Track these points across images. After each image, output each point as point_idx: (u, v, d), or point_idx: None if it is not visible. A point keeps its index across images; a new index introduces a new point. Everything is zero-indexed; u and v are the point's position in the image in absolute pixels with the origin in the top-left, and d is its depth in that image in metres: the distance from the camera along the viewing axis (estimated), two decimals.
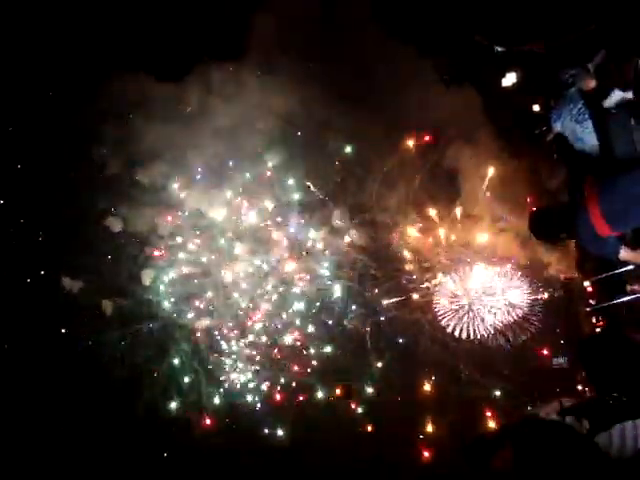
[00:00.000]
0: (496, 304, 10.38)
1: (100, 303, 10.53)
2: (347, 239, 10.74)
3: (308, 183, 10.66)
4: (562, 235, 3.91)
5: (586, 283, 9.29)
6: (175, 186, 10.54)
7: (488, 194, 10.09)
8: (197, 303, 11.01)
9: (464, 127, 9.71)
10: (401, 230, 10.60)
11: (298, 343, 11.04)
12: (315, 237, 10.82)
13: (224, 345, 11.10)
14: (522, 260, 10.26)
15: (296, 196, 10.76)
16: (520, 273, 10.35)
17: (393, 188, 10.39)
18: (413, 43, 9.08)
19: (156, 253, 10.73)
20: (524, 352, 10.35)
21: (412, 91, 9.55)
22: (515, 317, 10.30)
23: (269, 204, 10.84)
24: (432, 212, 10.50)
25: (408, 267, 10.75)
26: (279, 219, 10.91)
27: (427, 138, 10.15)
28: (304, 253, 10.91)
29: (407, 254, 10.69)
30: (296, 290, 10.96)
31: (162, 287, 10.90)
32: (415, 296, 10.69)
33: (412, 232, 10.57)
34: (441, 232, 10.53)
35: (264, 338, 11.09)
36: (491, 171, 9.77)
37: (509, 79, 5.91)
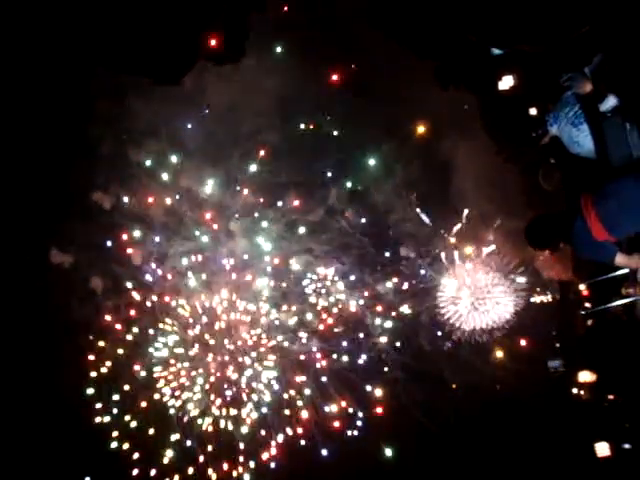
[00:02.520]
0: (491, 302, 10.37)
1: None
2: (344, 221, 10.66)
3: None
4: (559, 242, 3.91)
5: (582, 286, 9.32)
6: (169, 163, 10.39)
7: (484, 196, 10.11)
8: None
9: (460, 129, 9.72)
10: (400, 214, 10.56)
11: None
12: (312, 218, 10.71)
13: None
14: (518, 262, 10.28)
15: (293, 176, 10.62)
16: (515, 274, 10.35)
17: (392, 173, 10.37)
18: (410, 43, 9.08)
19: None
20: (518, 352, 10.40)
21: (408, 93, 9.59)
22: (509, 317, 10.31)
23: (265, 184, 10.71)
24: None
25: (406, 253, 10.69)
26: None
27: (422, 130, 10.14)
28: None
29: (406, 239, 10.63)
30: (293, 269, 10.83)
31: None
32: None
33: (411, 216, 10.51)
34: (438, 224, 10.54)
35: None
36: (487, 174, 9.77)
37: (506, 82, 5.91)
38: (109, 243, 10.46)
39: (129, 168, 10.28)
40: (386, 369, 10.78)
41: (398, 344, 10.78)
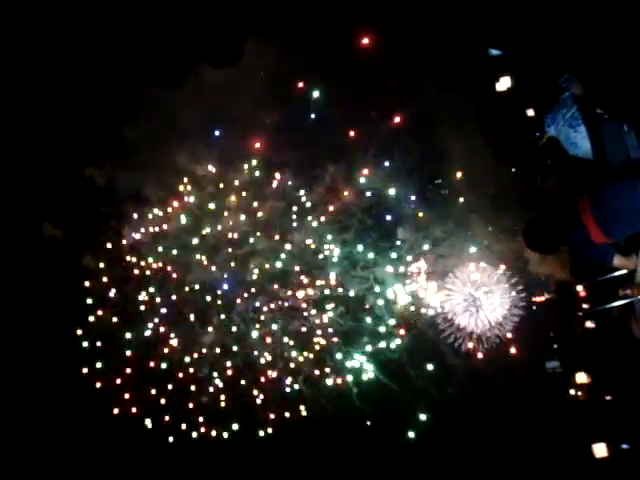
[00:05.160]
0: (488, 304, 10.34)
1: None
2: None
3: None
4: (557, 244, 3.92)
5: (579, 287, 9.33)
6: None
7: (481, 197, 10.11)
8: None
9: (457, 132, 9.72)
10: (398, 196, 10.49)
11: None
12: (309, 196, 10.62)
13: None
14: (515, 263, 10.26)
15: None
16: (512, 276, 10.33)
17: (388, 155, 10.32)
18: (409, 43, 9.09)
19: None
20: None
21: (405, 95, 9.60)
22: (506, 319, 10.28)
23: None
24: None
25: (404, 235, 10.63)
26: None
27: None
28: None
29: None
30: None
31: None
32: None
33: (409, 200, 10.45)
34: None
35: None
36: (484, 174, 9.78)
37: (503, 83, 5.92)
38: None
39: (125, 146, 10.12)
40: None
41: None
